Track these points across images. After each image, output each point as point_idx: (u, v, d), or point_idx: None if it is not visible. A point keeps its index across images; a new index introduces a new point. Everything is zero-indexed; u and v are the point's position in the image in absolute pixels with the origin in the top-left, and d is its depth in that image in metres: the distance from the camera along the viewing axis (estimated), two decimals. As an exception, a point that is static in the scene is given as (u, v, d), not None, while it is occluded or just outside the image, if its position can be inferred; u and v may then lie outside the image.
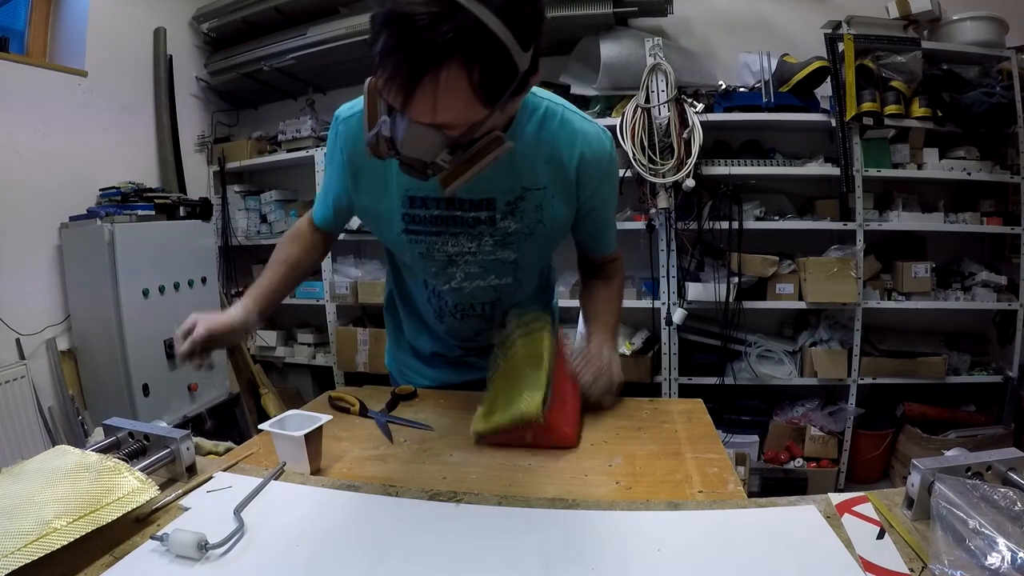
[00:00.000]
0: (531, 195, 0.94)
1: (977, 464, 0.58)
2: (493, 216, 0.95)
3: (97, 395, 2.44)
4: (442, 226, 0.96)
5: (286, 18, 2.94)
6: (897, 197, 2.54)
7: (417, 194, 0.94)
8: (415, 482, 0.72)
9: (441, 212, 0.95)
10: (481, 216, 0.95)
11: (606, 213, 1.04)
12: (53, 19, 2.64)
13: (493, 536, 0.60)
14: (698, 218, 2.51)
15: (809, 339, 2.60)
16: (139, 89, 2.91)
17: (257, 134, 3.30)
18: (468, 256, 0.99)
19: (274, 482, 0.71)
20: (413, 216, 0.96)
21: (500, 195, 0.93)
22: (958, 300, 2.48)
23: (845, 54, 2.32)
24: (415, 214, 0.95)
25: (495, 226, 0.95)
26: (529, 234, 0.97)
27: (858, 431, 2.55)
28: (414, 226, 0.96)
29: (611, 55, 2.44)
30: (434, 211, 0.95)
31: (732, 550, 0.56)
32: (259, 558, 0.56)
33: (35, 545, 0.52)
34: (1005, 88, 2.31)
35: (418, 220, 0.96)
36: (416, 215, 0.95)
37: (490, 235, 0.96)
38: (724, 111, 2.51)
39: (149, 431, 0.74)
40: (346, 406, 1.01)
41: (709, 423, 0.92)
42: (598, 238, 1.08)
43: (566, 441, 0.85)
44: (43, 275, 2.39)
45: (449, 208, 0.94)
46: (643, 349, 2.61)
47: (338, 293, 2.98)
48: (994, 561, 0.47)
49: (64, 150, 2.48)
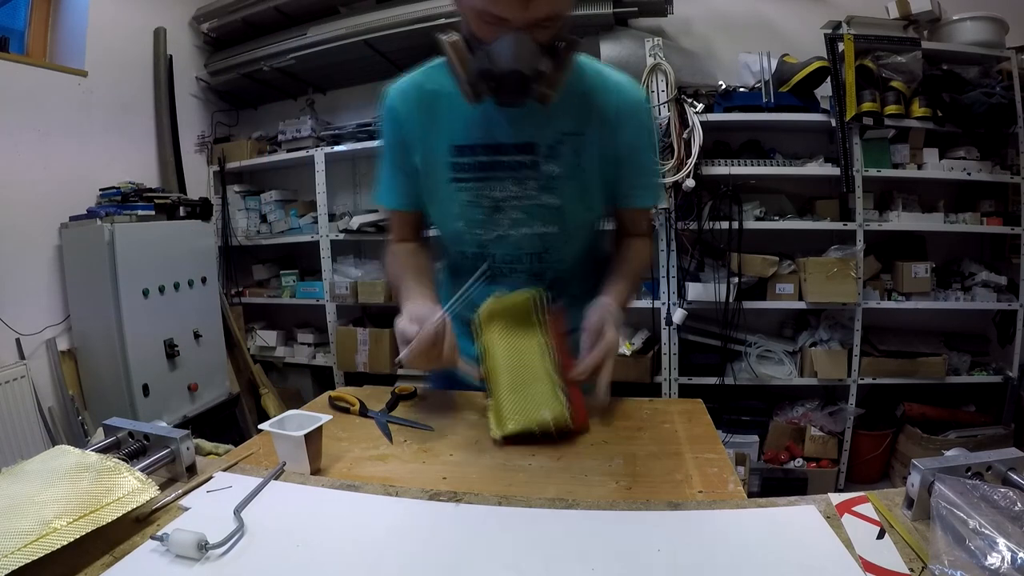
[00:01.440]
0: (569, 140, 0.97)
1: (977, 464, 0.58)
2: (536, 160, 0.98)
3: (97, 395, 2.44)
4: (488, 171, 0.99)
5: (286, 18, 2.94)
6: (897, 197, 2.54)
7: (464, 142, 0.98)
8: (415, 482, 0.72)
9: (487, 158, 0.99)
10: (525, 160, 0.98)
11: (646, 159, 1.06)
12: (53, 19, 2.64)
13: (493, 536, 0.60)
14: (698, 218, 2.51)
15: (809, 339, 2.60)
16: (139, 89, 2.91)
17: (257, 134, 3.30)
18: (514, 201, 1.01)
19: (274, 482, 0.71)
20: (460, 164, 1.00)
21: (541, 139, 0.97)
22: (958, 300, 2.48)
23: (845, 54, 2.32)
24: (462, 162, 1.00)
25: (538, 170, 0.98)
26: (570, 178, 0.99)
27: (858, 431, 2.55)
28: (462, 174, 1.00)
29: (611, 55, 2.44)
30: (480, 157, 0.99)
31: (732, 550, 0.56)
32: (259, 558, 0.56)
33: (35, 545, 0.52)
34: (1005, 88, 2.30)
35: (465, 168, 1.00)
36: (463, 163, 1.00)
37: (534, 179, 0.99)
38: (724, 111, 2.51)
39: (149, 431, 0.74)
40: (346, 406, 1.01)
41: (709, 423, 0.92)
42: (634, 186, 1.06)
43: (583, 428, 0.87)
44: (43, 275, 2.39)
45: (494, 153, 0.98)
46: (643, 349, 2.61)
47: (338, 293, 2.98)
48: (994, 561, 0.47)
49: (64, 150, 2.48)
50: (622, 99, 0.98)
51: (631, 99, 1.00)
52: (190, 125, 3.20)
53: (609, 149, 0.99)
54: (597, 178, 1.01)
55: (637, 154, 1.03)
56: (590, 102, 0.97)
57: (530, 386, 0.88)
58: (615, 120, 0.98)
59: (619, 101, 0.98)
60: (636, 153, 1.02)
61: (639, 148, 1.03)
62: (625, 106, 0.98)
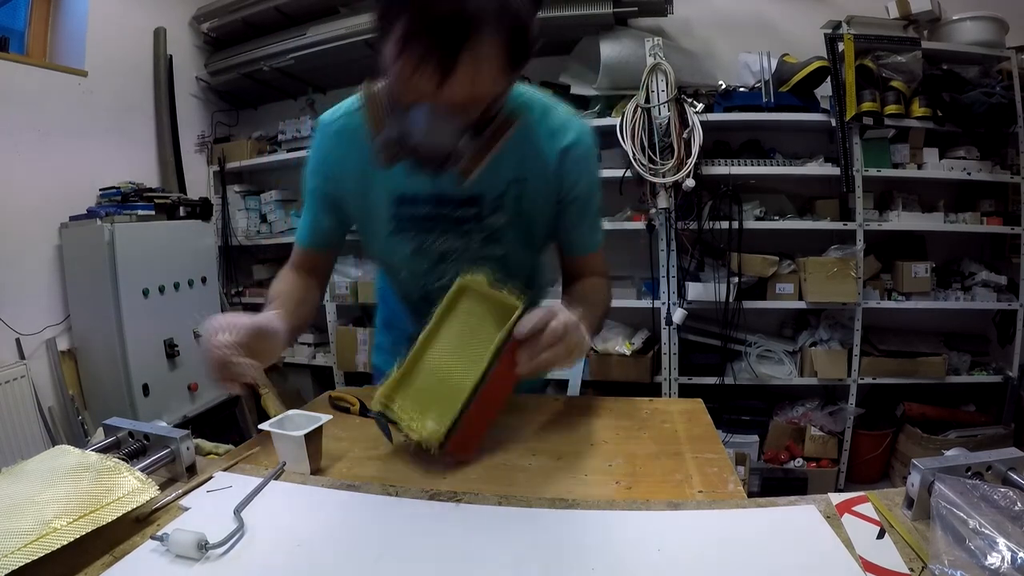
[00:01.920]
0: (513, 187, 0.93)
1: (977, 464, 0.58)
2: (480, 213, 0.94)
3: (97, 395, 2.44)
4: (431, 223, 0.96)
5: (286, 18, 2.94)
6: (897, 197, 2.54)
7: (406, 192, 0.93)
8: (415, 482, 0.72)
9: (430, 210, 0.94)
10: (469, 213, 0.94)
11: (588, 206, 1.00)
12: (53, 19, 2.64)
13: (493, 536, 0.60)
14: (698, 218, 2.51)
15: (809, 339, 2.60)
16: (139, 89, 2.91)
17: (257, 134, 3.30)
18: (457, 255, 0.98)
19: (274, 482, 0.71)
20: (402, 215, 0.95)
21: (487, 191, 0.92)
22: (958, 300, 2.48)
23: (845, 54, 2.32)
24: (403, 213, 0.95)
25: (482, 223, 0.95)
26: (514, 227, 0.96)
27: (858, 431, 2.55)
28: (403, 224, 0.96)
29: (611, 55, 2.44)
30: (423, 209, 0.94)
31: (732, 550, 0.56)
32: (259, 558, 0.56)
33: (35, 545, 0.52)
34: (1005, 88, 2.31)
35: (406, 219, 0.96)
36: (404, 214, 0.95)
37: (478, 231, 0.96)
38: (724, 111, 2.51)
39: (149, 431, 0.74)
40: (346, 406, 1.01)
41: (709, 423, 0.92)
42: (581, 233, 1.02)
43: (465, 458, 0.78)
44: (43, 275, 2.39)
45: (438, 206, 0.94)
46: (643, 349, 2.61)
47: (338, 293, 2.98)
48: (994, 561, 0.47)
49: (64, 150, 2.48)
50: (566, 143, 0.92)
51: (579, 143, 0.93)
52: (190, 125, 3.19)
53: (552, 193, 0.95)
54: (540, 221, 0.98)
55: (581, 199, 0.98)
56: (534, 147, 0.91)
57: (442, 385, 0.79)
58: (558, 165, 0.93)
59: (563, 145, 0.92)
60: (581, 198, 0.97)
61: (584, 192, 0.97)
62: (569, 150, 0.92)
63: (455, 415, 0.74)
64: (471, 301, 0.85)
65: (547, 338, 0.74)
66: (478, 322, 0.82)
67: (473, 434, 0.78)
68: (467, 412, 0.74)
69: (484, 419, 0.79)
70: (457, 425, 0.74)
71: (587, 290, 1.03)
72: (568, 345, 0.76)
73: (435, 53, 0.66)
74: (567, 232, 1.02)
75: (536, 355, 0.75)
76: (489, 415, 0.80)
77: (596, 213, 1.03)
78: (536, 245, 1.04)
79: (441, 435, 0.73)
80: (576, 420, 0.94)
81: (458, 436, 0.74)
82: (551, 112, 0.93)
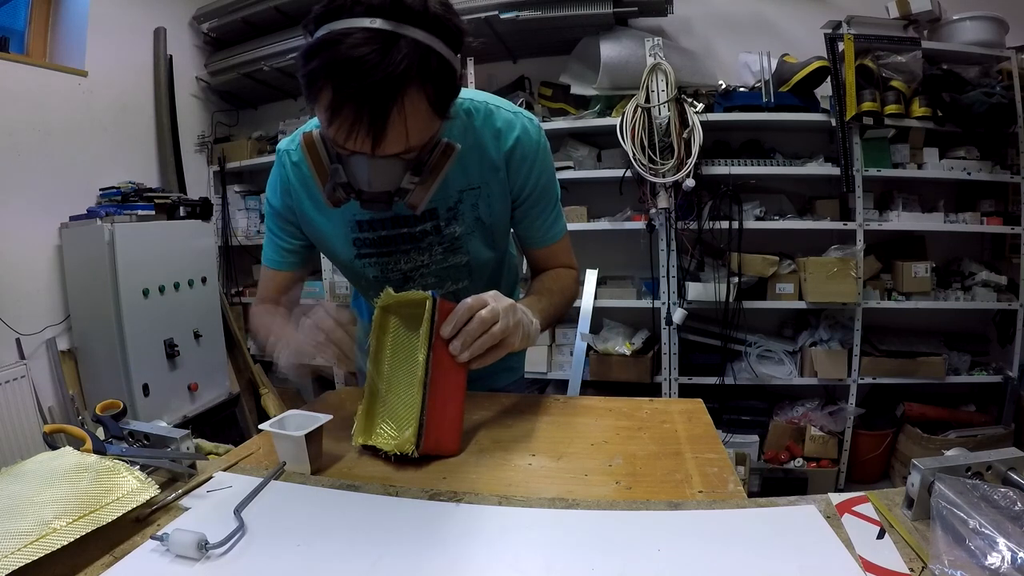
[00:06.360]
0: (467, 196, 0.95)
1: (977, 464, 0.58)
2: (438, 224, 0.96)
3: (97, 395, 2.43)
4: (392, 245, 0.98)
5: (286, 18, 2.94)
6: (897, 197, 2.54)
7: (363, 217, 0.95)
8: (415, 482, 0.72)
9: (388, 232, 0.96)
10: (427, 227, 0.96)
11: (543, 199, 1.00)
12: (53, 19, 2.64)
13: (493, 536, 0.60)
14: (698, 218, 2.51)
15: (809, 339, 2.60)
16: (139, 89, 2.91)
17: (257, 134, 3.30)
18: (423, 269, 1.00)
19: (274, 482, 0.71)
20: (363, 240, 0.97)
21: (440, 203, 0.94)
22: (958, 300, 2.48)
23: (845, 54, 2.32)
24: (364, 238, 0.97)
25: (441, 234, 0.97)
26: (473, 233, 0.98)
27: (858, 431, 2.55)
28: (366, 249, 0.98)
29: (611, 55, 2.44)
30: (381, 232, 0.96)
31: (732, 550, 0.56)
32: (259, 558, 0.56)
33: (35, 546, 0.52)
34: (1005, 88, 2.31)
35: (368, 243, 0.98)
36: (365, 239, 0.97)
37: (439, 244, 0.98)
38: (724, 111, 2.51)
39: (149, 431, 0.74)
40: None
41: (709, 423, 0.92)
42: (539, 226, 1.03)
43: (449, 453, 0.80)
44: (43, 275, 2.39)
45: (396, 227, 0.96)
46: (643, 349, 2.62)
47: (338, 293, 2.98)
48: (994, 561, 0.47)
49: (64, 150, 2.48)
50: (511, 143, 0.92)
51: (525, 140, 0.93)
52: (190, 125, 3.19)
53: (505, 194, 0.97)
54: (499, 222, 0.99)
55: (535, 194, 0.98)
56: (480, 153, 0.92)
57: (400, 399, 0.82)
58: (506, 165, 0.94)
59: (508, 146, 0.93)
60: (534, 194, 0.98)
61: (536, 188, 0.98)
62: (515, 149, 0.93)
63: (417, 419, 0.76)
64: (393, 315, 0.86)
65: (475, 325, 0.77)
66: (406, 330, 0.85)
67: (446, 430, 0.80)
68: (428, 412, 0.76)
69: (450, 414, 0.80)
70: (423, 428, 0.75)
71: (547, 280, 1.05)
72: (504, 328, 0.79)
73: (364, 119, 0.68)
74: (526, 227, 1.03)
75: (469, 344, 0.77)
76: (453, 409, 0.81)
77: (554, 204, 1.03)
78: (498, 246, 1.05)
79: (412, 442, 0.75)
80: (576, 420, 0.94)
81: (430, 438, 0.76)
82: (493, 114, 0.93)
